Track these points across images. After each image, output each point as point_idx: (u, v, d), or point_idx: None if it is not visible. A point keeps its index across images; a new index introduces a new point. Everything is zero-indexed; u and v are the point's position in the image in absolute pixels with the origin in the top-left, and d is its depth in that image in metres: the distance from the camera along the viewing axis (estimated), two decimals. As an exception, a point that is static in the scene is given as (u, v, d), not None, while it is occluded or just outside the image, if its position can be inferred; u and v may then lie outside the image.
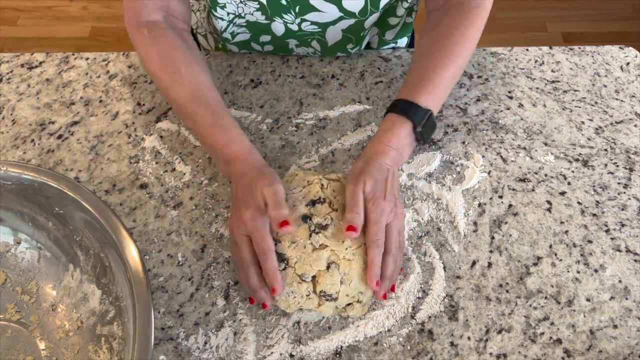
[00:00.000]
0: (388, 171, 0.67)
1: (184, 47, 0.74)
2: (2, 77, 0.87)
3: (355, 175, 0.66)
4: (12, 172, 0.60)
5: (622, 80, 0.87)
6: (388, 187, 0.66)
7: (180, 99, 0.71)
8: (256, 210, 0.63)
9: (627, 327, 0.64)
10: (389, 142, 0.69)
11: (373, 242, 0.63)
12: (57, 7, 2.25)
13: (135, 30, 0.74)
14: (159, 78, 0.73)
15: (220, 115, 0.70)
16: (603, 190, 0.75)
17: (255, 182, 0.64)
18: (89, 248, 0.61)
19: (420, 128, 0.70)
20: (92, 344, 0.60)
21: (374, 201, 0.64)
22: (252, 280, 0.62)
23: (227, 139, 0.69)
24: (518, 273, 0.68)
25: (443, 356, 0.62)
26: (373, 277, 0.62)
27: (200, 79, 0.72)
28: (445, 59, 0.72)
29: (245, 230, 0.63)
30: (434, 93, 0.71)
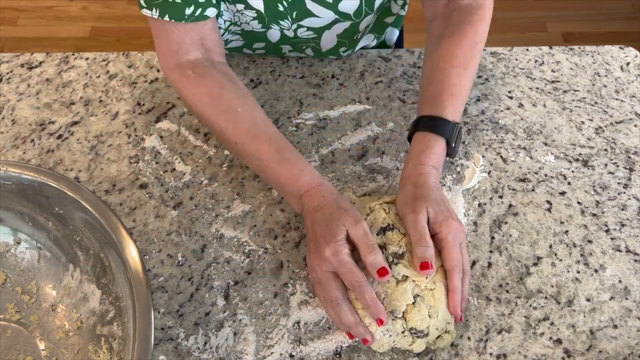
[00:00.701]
0: (440, 191, 0.65)
1: (231, 84, 0.71)
2: (2, 77, 0.87)
3: (412, 202, 0.62)
4: (12, 172, 0.60)
5: (622, 80, 0.87)
6: (449, 206, 0.63)
7: (240, 139, 0.68)
8: (338, 245, 0.59)
9: (627, 327, 0.64)
10: (430, 162, 0.66)
11: (455, 267, 0.60)
12: (57, 7, 2.25)
13: (177, 72, 0.71)
14: (213, 120, 0.70)
15: (284, 150, 0.68)
16: (603, 190, 0.75)
17: (337, 217, 0.60)
18: (89, 248, 0.61)
19: (454, 143, 0.68)
20: (92, 344, 0.60)
21: (446, 223, 0.60)
22: (348, 319, 0.59)
23: (297, 172, 0.66)
24: (518, 273, 0.68)
25: (443, 356, 0.62)
26: (457, 304, 0.60)
27: (257, 114, 0.70)
28: (460, 68, 0.71)
29: (330, 266, 0.59)
30: (456, 104, 0.70)
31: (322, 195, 0.64)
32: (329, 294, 0.59)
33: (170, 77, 0.73)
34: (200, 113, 0.71)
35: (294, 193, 0.66)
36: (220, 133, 0.71)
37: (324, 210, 0.62)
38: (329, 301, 0.60)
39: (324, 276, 0.60)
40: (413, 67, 0.87)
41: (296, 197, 0.66)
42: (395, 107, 0.83)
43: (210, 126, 0.72)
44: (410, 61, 0.88)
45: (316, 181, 0.65)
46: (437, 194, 0.64)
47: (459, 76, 0.71)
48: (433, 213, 0.61)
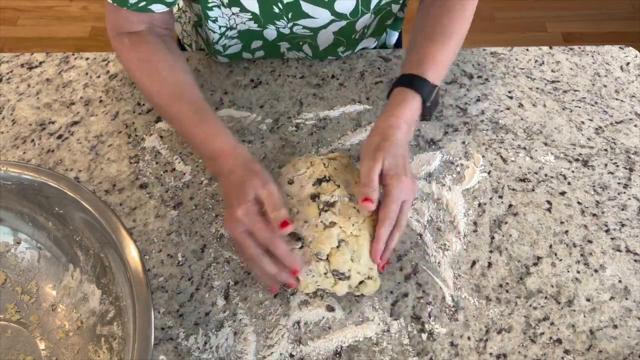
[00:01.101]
0: (404, 147, 0.67)
1: (164, 50, 0.74)
2: (2, 77, 0.87)
3: (373, 151, 0.65)
4: (12, 172, 0.60)
5: (622, 80, 0.87)
6: (406, 164, 0.66)
7: (163, 101, 0.71)
8: (249, 205, 0.62)
9: (627, 327, 0.64)
10: (402, 116, 0.68)
11: (387, 219, 0.63)
12: (57, 7, 2.25)
13: (117, 40, 0.75)
14: (142, 82, 0.73)
15: (203, 112, 0.70)
16: (603, 190, 0.75)
17: (246, 180, 0.63)
18: (89, 248, 0.61)
19: (429, 102, 0.70)
20: (92, 344, 0.60)
21: (397, 177, 0.63)
22: (270, 268, 0.62)
23: (212, 134, 0.68)
24: (518, 273, 0.68)
25: (443, 356, 0.62)
26: (378, 251, 0.63)
27: (182, 78, 0.72)
28: (445, 36, 0.73)
29: (244, 227, 0.62)
30: (438, 69, 0.72)
31: (235, 158, 0.66)
32: (248, 251, 0.62)
33: (112, 44, 0.75)
34: (133, 77, 0.74)
35: (209, 154, 0.68)
36: (148, 96, 0.74)
37: (235, 173, 0.65)
38: (251, 257, 0.62)
39: (241, 236, 0.62)
40: (413, 67, 0.87)
41: (211, 158, 0.68)
42: (395, 107, 0.82)
43: (142, 90, 0.74)
44: (410, 61, 0.88)
45: (231, 144, 0.67)
46: (399, 150, 0.66)
47: (443, 44, 0.73)
48: (388, 165, 0.64)
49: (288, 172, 0.70)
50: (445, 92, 0.84)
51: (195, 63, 0.88)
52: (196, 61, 0.88)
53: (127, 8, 0.70)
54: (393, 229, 0.64)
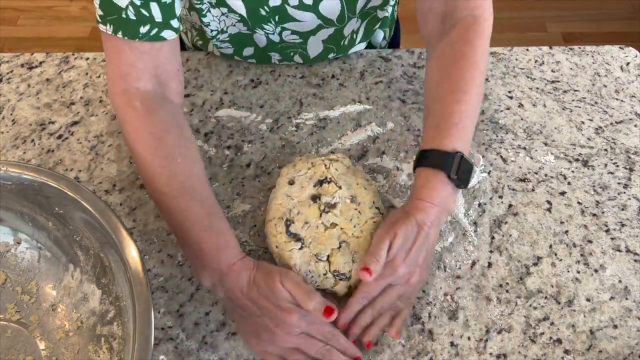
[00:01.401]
0: (422, 231, 0.61)
1: (177, 129, 0.66)
2: (2, 77, 0.87)
3: (390, 223, 0.62)
4: (12, 172, 0.60)
5: (622, 80, 0.87)
6: (414, 249, 0.61)
7: (171, 192, 0.63)
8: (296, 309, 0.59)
9: (627, 327, 0.64)
10: (429, 198, 0.62)
11: (361, 292, 0.61)
12: (57, 7, 2.25)
13: (124, 99, 0.66)
14: (148, 161, 0.64)
15: (214, 216, 0.63)
16: (603, 190, 0.75)
17: (271, 284, 0.59)
18: (89, 248, 0.61)
19: (454, 175, 0.62)
20: (92, 344, 0.60)
21: (392, 260, 0.60)
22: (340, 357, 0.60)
23: (223, 244, 0.62)
24: (518, 273, 0.68)
25: (443, 356, 0.62)
26: (341, 318, 0.61)
27: (196, 171, 0.65)
28: (459, 93, 0.66)
29: (299, 330, 0.59)
30: (457, 133, 0.64)
31: (249, 269, 0.61)
32: (315, 348, 0.59)
33: (115, 103, 0.67)
34: (136, 150, 0.65)
35: (213, 265, 0.61)
36: (150, 177, 0.64)
37: (257, 284, 0.60)
38: (320, 355, 0.60)
39: (301, 339, 0.59)
40: (413, 67, 0.87)
41: (215, 270, 0.61)
42: (395, 107, 0.83)
43: (142, 167, 0.65)
44: (410, 61, 0.88)
45: (239, 255, 0.62)
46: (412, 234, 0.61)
47: (459, 102, 0.65)
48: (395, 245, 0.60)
49: (288, 172, 0.70)
50: (445, 92, 0.84)
51: (195, 63, 0.88)
52: (196, 61, 0.88)
53: (139, 39, 0.64)
54: (367, 306, 0.62)
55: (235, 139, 0.79)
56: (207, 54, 0.89)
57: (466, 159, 0.63)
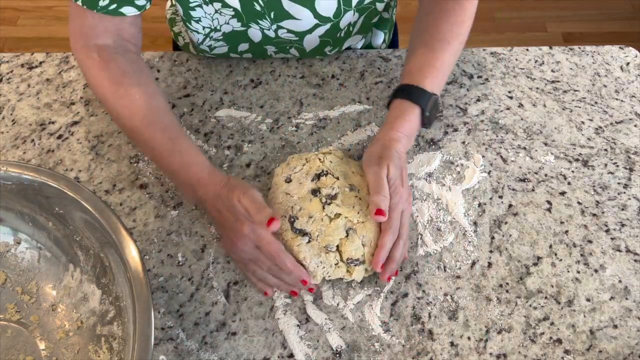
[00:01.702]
0: (402, 159, 0.69)
1: (135, 71, 0.71)
2: (2, 77, 0.87)
3: (377, 159, 0.67)
4: (12, 172, 0.60)
5: (622, 80, 0.87)
6: (404, 175, 0.68)
7: (135, 125, 0.69)
8: (250, 223, 0.63)
9: (627, 327, 0.64)
10: (402, 129, 0.70)
11: (390, 228, 0.64)
12: (57, 7, 2.25)
13: (83, 53, 0.71)
14: (111, 104, 0.70)
15: (177, 139, 0.68)
16: (603, 190, 0.75)
17: (230, 198, 0.64)
18: (89, 248, 0.61)
19: (428, 112, 0.70)
20: (92, 344, 0.60)
21: (394, 188, 0.65)
22: (290, 280, 0.64)
23: (188, 162, 0.67)
24: (518, 273, 0.68)
25: (443, 356, 0.62)
26: (380, 260, 0.63)
27: (155, 103, 0.70)
28: (444, 42, 0.73)
29: (252, 244, 0.63)
30: (437, 77, 0.72)
31: (215, 183, 0.66)
32: (265, 264, 0.64)
33: (76, 56, 0.73)
34: (100, 96, 0.72)
35: (186, 182, 0.68)
36: (117, 119, 0.71)
37: (222, 196, 0.65)
38: (271, 271, 0.64)
39: (253, 252, 0.64)
40: (413, 67, 0.87)
41: (188, 186, 0.67)
42: (395, 107, 0.83)
43: (109, 111, 0.72)
44: (410, 61, 0.88)
45: (207, 170, 0.67)
46: (399, 162, 0.68)
47: (442, 50, 0.72)
48: (391, 174, 0.66)
49: (283, 171, 0.70)
50: (445, 92, 0.84)
51: (195, 63, 0.88)
52: (196, 61, 0.88)
53: (97, 11, 0.68)
54: (397, 239, 0.65)
55: (235, 139, 0.79)
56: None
57: (438, 102, 0.72)
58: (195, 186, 0.67)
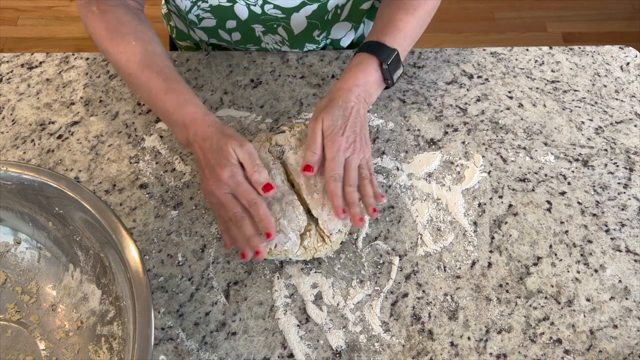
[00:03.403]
0: (352, 108, 0.69)
1: (133, 20, 0.74)
2: (2, 77, 0.87)
3: (317, 114, 0.69)
4: (12, 172, 0.60)
5: (622, 80, 0.87)
6: (349, 124, 0.68)
7: (131, 70, 0.71)
8: (233, 168, 0.64)
9: (627, 327, 0.64)
10: (355, 79, 0.71)
11: (330, 177, 0.66)
12: (57, 7, 2.25)
13: (85, 8, 0.74)
14: (110, 52, 0.72)
15: (172, 80, 0.70)
16: (603, 190, 0.75)
17: (223, 142, 0.65)
18: (89, 248, 0.61)
19: (386, 65, 0.71)
20: (92, 344, 0.60)
21: (330, 137, 0.67)
22: (248, 230, 0.63)
23: (183, 102, 0.69)
24: (518, 273, 0.68)
25: (443, 356, 0.62)
26: (337, 207, 0.65)
27: (151, 48, 0.72)
28: (409, 8, 0.75)
29: (228, 189, 0.64)
30: (399, 36, 0.73)
31: (208, 125, 0.67)
32: (232, 211, 0.64)
33: (80, 13, 0.76)
34: (100, 46, 0.74)
35: (179, 121, 0.69)
36: (116, 65, 0.73)
37: (211, 139, 0.66)
38: (233, 219, 0.64)
39: (225, 198, 0.64)
40: (413, 67, 0.87)
41: (181, 125, 0.68)
42: (395, 107, 0.83)
43: (109, 59, 0.74)
44: (410, 61, 0.88)
45: (201, 111, 0.69)
46: (342, 111, 0.68)
47: (407, 13, 0.74)
48: (325, 126, 0.67)
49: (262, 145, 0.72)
50: (445, 92, 0.85)
51: (195, 63, 0.88)
52: (196, 61, 0.88)
53: None
54: (344, 186, 0.66)
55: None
56: (207, 54, 0.89)
57: (399, 59, 0.73)
58: (188, 126, 0.68)
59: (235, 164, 0.65)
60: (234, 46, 0.90)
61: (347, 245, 0.70)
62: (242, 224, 0.63)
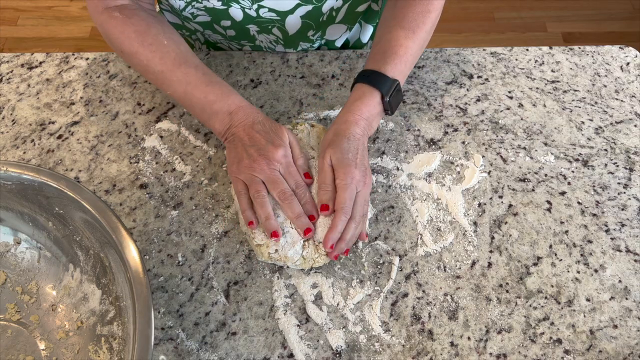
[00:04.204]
0: (358, 141, 0.70)
1: (158, 22, 0.75)
2: (2, 77, 0.87)
3: (324, 149, 0.69)
4: (12, 172, 0.60)
5: (622, 80, 0.87)
6: (359, 156, 0.69)
7: (166, 67, 0.72)
8: (286, 148, 0.68)
9: (627, 327, 0.64)
10: (359, 112, 0.71)
11: (341, 209, 0.65)
12: (57, 7, 2.25)
13: (104, 15, 0.74)
14: (140, 53, 0.73)
15: (212, 75, 0.73)
16: (603, 190, 0.75)
17: (278, 126, 0.69)
18: (89, 248, 0.61)
19: (388, 98, 0.71)
20: (92, 344, 0.60)
21: (344, 169, 0.67)
22: (297, 208, 0.66)
23: (227, 92, 0.71)
24: (518, 273, 0.68)
25: (443, 356, 0.62)
26: (330, 240, 0.65)
27: (183, 47, 0.74)
28: (408, 30, 0.74)
29: (279, 167, 0.67)
30: (400, 64, 0.73)
31: (257, 112, 0.70)
32: (281, 187, 0.66)
33: (98, 21, 0.76)
34: (127, 49, 0.74)
35: (223, 109, 0.70)
36: (146, 64, 0.73)
37: (263, 122, 0.69)
38: (281, 196, 0.66)
39: (274, 175, 0.67)
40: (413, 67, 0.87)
41: (225, 112, 0.70)
42: (395, 107, 0.83)
43: (137, 60, 0.74)
44: (410, 61, 0.88)
45: (244, 102, 0.72)
46: (351, 144, 0.69)
47: (406, 38, 0.73)
48: (336, 160, 0.68)
49: None
50: (445, 92, 0.85)
51: (195, 63, 0.88)
52: (196, 61, 0.88)
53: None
54: (349, 220, 0.66)
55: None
56: (207, 54, 0.89)
57: (400, 89, 0.73)
58: (234, 112, 0.70)
59: (288, 146, 0.68)
60: (228, 41, 0.90)
61: (347, 245, 0.70)
62: (292, 201, 0.66)
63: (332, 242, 0.65)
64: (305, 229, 0.65)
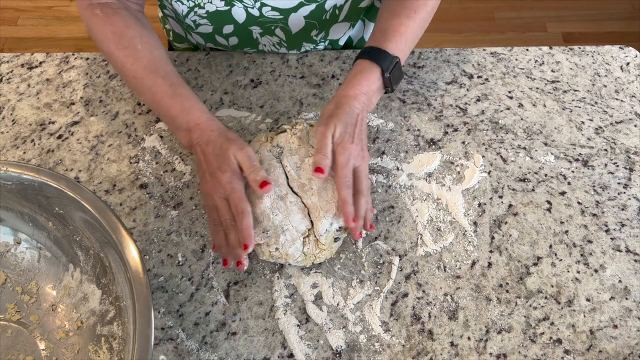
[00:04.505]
0: (358, 115, 0.70)
1: (138, 24, 0.75)
2: (2, 77, 0.87)
3: (326, 118, 0.69)
4: (12, 172, 0.60)
5: (622, 80, 0.87)
6: (356, 132, 0.69)
7: (138, 73, 0.72)
8: (232, 173, 0.65)
9: (627, 327, 0.64)
10: (359, 86, 0.71)
11: (342, 183, 0.66)
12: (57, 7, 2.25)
13: (88, 11, 0.75)
14: (115, 55, 0.73)
15: (178, 85, 0.72)
16: (603, 190, 0.75)
17: (226, 147, 0.66)
18: (89, 248, 0.61)
19: (388, 74, 0.72)
20: (92, 344, 0.60)
21: (342, 145, 0.67)
22: (233, 240, 0.65)
23: (188, 107, 0.70)
24: (518, 273, 0.68)
25: (443, 356, 0.62)
26: (348, 215, 0.65)
27: (157, 53, 0.74)
28: (410, 10, 0.75)
29: (224, 194, 0.65)
30: (401, 41, 0.74)
31: (212, 130, 0.69)
32: (224, 216, 0.65)
33: (83, 17, 0.76)
34: (104, 49, 0.74)
35: (183, 126, 0.70)
36: (121, 68, 0.74)
37: (214, 143, 0.68)
38: (223, 224, 0.66)
39: (221, 202, 0.66)
40: (413, 67, 0.87)
41: (185, 130, 0.70)
42: (395, 107, 0.83)
43: (113, 62, 0.75)
44: (410, 61, 0.88)
45: (205, 116, 0.70)
46: (351, 119, 0.69)
47: (408, 17, 0.75)
48: (338, 133, 0.68)
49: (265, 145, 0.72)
50: (445, 92, 0.85)
51: (195, 63, 0.88)
52: (196, 61, 0.88)
53: None
54: (355, 194, 0.66)
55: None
56: (207, 54, 0.89)
57: (400, 67, 0.74)
58: (192, 130, 0.69)
59: (235, 169, 0.66)
60: (231, 50, 0.90)
61: (347, 245, 0.70)
62: (230, 232, 0.65)
63: (352, 215, 0.65)
64: (237, 262, 0.65)
